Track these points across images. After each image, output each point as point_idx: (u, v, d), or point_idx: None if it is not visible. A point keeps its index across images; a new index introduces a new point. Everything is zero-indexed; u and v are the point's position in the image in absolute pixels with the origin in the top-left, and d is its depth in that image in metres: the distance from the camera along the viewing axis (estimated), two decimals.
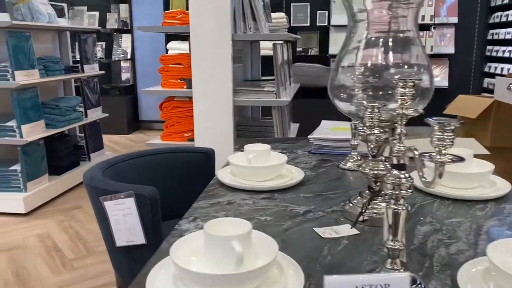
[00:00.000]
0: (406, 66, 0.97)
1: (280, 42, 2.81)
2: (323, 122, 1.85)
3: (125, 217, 1.36)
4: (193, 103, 2.67)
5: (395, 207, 0.71)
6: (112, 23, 5.69)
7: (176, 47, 5.51)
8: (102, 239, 2.66)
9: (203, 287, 0.70)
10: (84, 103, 3.77)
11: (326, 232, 0.98)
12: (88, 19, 5.48)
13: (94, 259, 2.43)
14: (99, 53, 5.74)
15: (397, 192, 0.70)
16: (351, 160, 1.45)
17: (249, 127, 3.18)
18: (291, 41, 3.66)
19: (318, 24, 5.23)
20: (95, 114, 3.95)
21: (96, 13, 5.62)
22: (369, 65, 0.99)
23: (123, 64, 5.76)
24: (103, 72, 4.09)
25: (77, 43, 3.85)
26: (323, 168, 1.45)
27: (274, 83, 2.70)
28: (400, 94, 0.68)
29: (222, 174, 1.33)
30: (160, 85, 2.88)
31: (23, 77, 2.99)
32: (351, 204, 1.07)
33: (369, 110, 0.82)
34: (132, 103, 5.85)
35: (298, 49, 5.35)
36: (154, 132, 5.90)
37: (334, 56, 5.31)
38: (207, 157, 1.82)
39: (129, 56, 5.74)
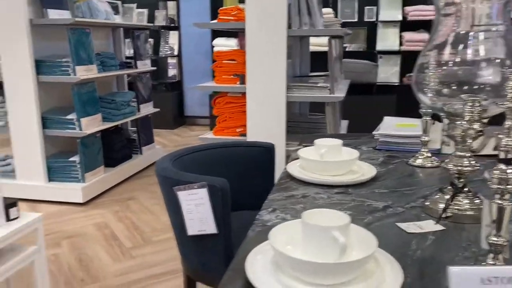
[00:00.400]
0: (497, 61, 0.94)
1: (338, 37, 2.79)
2: (386, 119, 1.83)
3: (197, 207, 1.40)
4: (246, 98, 2.70)
5: (500, 202, 0.70)
6: (160, 20, 5.82)
7: (221, 44, 5.57)
8: (157, 230, 2.75)
9: (303, 274, 0.72)
10: (137, 98, 3.89)
11: (410, 227, 0.97)
12: (137, 16, 5.62)
13: (151, 248, 2.51)
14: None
15: (503, 186, 0.69)
16: (420, 157, 1.43)
17: (299, 123, 3.18)
18: (341, 36, 3.62)
19: (366, 19, 5.15)
20: (147, 109, 4.06)
21: (145, 10, 5.76)
22: (456, 60, 0.97)
23: (170, 60, 5.89)
24: (154, 68, 4.20)
25: (125, 40, 3.97)
26: (392, 164, 1.44)
27: (328, 79, 2.69)
28: (510, 88, 0.67)
29: (292, 168, 1.34)
30: (214, 81, 2.93)
31: (83, 72, 3.12)
32: (432, 200, 1.06)
33: (470, 104, 0.81)
34: (178, 99, 5.97)
35: (344, 45, 5.30)
36: (198, 127, 6.00)
37: (381, 52, 5.22)
38: (267, 151, 1.84)
39: (176, 53, 5.86)
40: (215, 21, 2.97)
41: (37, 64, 3.06)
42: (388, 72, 5.27)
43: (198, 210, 1.40)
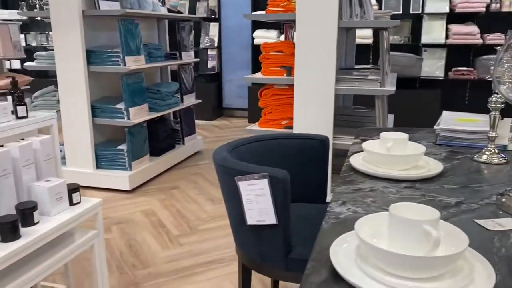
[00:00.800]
0: None
1: (385, 29, 2.73)
2: (445, 113, 1.78)
3: (257, 197, 1.41)
4: (294, 90, 2.69)
5: None
6: (201, 12, 5.86)
7: (262, 36, 5.57)
8: (202, 219, 2.79)
9: (390, 267, 0.71)
10: (181, 89, 3.94)
11: (488, 224, 0.94)
12: (179, 8, 5.68)
13: (198, 237, 2.56)
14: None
15: None
16: (487, 153, 1.39)
17: (344, 116, 3.15)
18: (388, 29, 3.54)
19: (411, 11, 5.02)
20: (190, 100, 4.11)
21: (186, 2, 5.81)
22: None
23: (209, 52, 5.93)
24: (198, 59, 4.24)
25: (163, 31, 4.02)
26: (456, 160, 1.40)
27: (375, 72, 2.63)
28: None
29: (355, 161, 1.33)
30: (260, 73, 2.93)
31: (132, 63, 3.18)
32: (509, 198, 1.03)
33: None
34: (217, 90, 6.01)
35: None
36: (235, 119, 6.03)
37: (426, 45, 5.07)
38: (322, 144, 1.83)
39: (215, 45, 5.89)
40: (260, 12, 2.96)
41: (88, 54, 3.15)
42: (432, 66, 5.12)
43: (258, 201, 1.41)
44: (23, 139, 1.69)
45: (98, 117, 3.25)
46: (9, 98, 1.80)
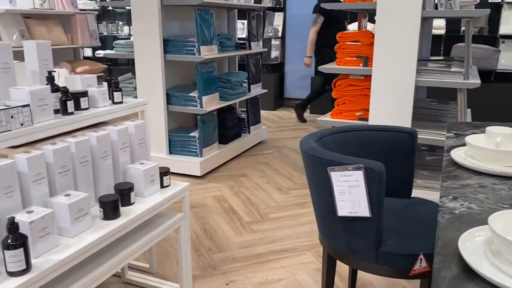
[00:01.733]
0: None
1: (469, 19, 2.60)
2: None
3: (350, 189, 1.40)
4: (371, 81, 2.64)
5: None
6: (266, 1, 5.87)
7: None
8: (272, 207, 2.82)
9: None
10: (248, 79, 3.98)
11: None
12: None
13: (270, 225, 2.59)
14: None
15: None
16: None
17: (419, 109, 3.04)
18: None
19: (489, 0, 4.73)
20: (257, 89, 4.15)
21: None
22: None
23: (273, 42, 5.93)
24: (266, 49, 4.25)
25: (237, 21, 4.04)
26: None
27: (459, 64, 2.52)
28: None
29: (457, 156, 1.28)
30: (335, 63, 2.90)
31: (206, 52, 3.25)
32: None
33: None
34: (279, 80, 6.01)
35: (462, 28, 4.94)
36: None
37: (504, 36, 4.78)
38: (410, 137, 1.78)
39: (279, 34, 5.88)
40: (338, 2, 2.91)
41: (164, 43, 3.25)
42: (511, 59, 4.82)
43: (351, 192, 1.40)
44: (115, 125, 1.78)
45: (172, 104, 3.36)
46: (105, 84, 1.90)
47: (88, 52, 7.17)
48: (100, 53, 7.00)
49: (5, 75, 1.54)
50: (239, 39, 4.30)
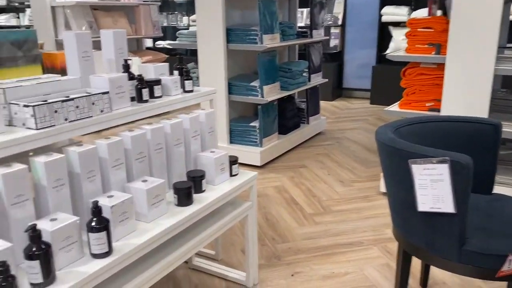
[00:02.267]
0: None
1: None
2: None
3: (433, 183, 1.32)
4: (445, 69, 2.49)
5: None
6: None
7: (391, 12, 5.28)
8: (334, 199, 2.76)
9: None
10: (309, 68, 3.91)
11: None
12: None
13: (332, 217, 2.54)
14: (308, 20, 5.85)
15: None
16: None
17: (495, 99, 2.84)
18: None
19: None
20: (317, 79, 4.07)
21: None
22: None
23: (332, 30, 5.79)
24: (327, 37, 4.15)
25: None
26: None
27: None
28: None
29: None
30: (405, 50, 2.76)
31: (268, 41, 3.22)
32: None
33: None
34: (337, 70, 5.88)
35: None
36: (356, 100, 5.85)
37: None
38: (494, 129, 1.66)
39: (339, 22, 5.73)
40: None
41: (227, 32, 3.25)
42: None
43: (434, 186, 1.32)
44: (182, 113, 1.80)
45: (233, 94, 3.36)
46: (176, 72, 1.92)
47: (149, 43, 7.36)
48: (160, 43, 7.21)
49: (85, 63, 1.59)
50: (299, 27, 4.23)
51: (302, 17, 5.79)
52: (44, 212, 1.25)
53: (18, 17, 7.39)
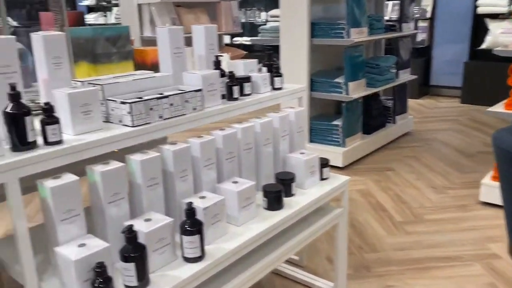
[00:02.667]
0: None
1: None
2: None
3: None
4: None
5: None
6: None
7: (488, 3, 4.82)
8: (426, 207, 2.54)
9: None
10: (397, 64, 3.67)
11: None
12: None
13: (425, 227, 2.33)
14: (395, 12, 5.54)
15: None
16: None
17: None
18: None
19: None
20: (405, 75, 3.82)
21: None
22: None
23: (420, 23, 5.42)
24: (418, 31, 3.87)
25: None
26: None
27: None
28: None
29: None
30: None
31: (356, 35, 3.05)
32: None
33: None
34: (424, 66, 5.50)
35: None
36: (444, 98, 5.45)
37: None
38: None
39: (428, 15, 5.35)
40: None
41: (312, 27, 3.13)
42: None
43: None
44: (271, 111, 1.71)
45: (315, 90, 3.24)
46: (264, 69, 1.84)
47: (226, 39, 7.44)
48: (238, 39, 7.24)
49: (177, 59, 1.56)
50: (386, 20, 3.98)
51: (387, 10, 5.49)
52: (138, 211, 1.23)
53: (106, 16, 7.82)
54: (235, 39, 7.25)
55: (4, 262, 1.25)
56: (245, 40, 6.70)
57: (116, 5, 7.22)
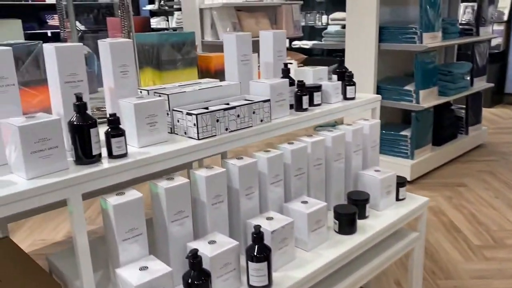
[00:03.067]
0: None
1: None
2: None
3: None
4: None
5: None
6: None
7: None
8: (507, 230, 2.28)
9: None
10: (471, 70, 3.39)
11: None
12: None
13: (508, 253, 2.09)
14: (468, 15, 5.17)
15: None
16: None
17: None
18: None
19: None
20: (480, 83, 3.52)
21: None
22: None
23: (495, 27, 5.02)
24: (496, 35, 3.56)
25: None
26: None
27: None
28: None
29: None
30: None
31: (429, 40, 2.84)
32: None
33: None
34: (499, 72, 5.09)
35: None
36: None
37: None
38: None
39: (505, 18, 4.95)
40: None
41: (380, 31, 2.95)
42: None
43: None
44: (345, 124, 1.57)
45: (382, 98, 3.03)
46: (335, 77, 1.72)
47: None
48: (297, 43, 7.11)
49: (244, 67, 1.47)
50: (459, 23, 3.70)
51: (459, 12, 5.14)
52: (201, 230, 1.15)
53: (167, 20, 7.99)
54: (294, 43, 7.12)
55: (64, 275, 1.22)
56: (304, 44, 6.55)
57: (178, 9, 7.34)
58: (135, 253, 1.01)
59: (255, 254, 1.04)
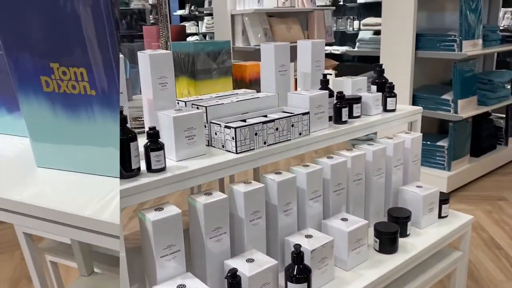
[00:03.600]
0: None
1: None
2: None
3: None
4: None
5: None
6: None
7: None
8: None
9: None
10: None
11: None
12: None
13: None
14: (507, 20, 4.99)
15: None
16: None
17: None
18: None
19: None
20: None
21: None
22: None
23: None
24: None
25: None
26: None
27: None
28: None
29: None
30: None
31: (469, 47, 2.73)
32: None
33: None
34: None
35: None
36: None
37: None
38: None
39: None
40: None
41: (417, 38, 2.86)
42: None
43: None
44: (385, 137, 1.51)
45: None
46: (374, 88, 1.67)
47: None
48: (327, 49, 7.03)
49: (281, 78, 1.44)
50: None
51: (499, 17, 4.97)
52: (238, 247, 1.12)
53: (197, 25, 8.05)
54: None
55: None
56: (335, 49, 6.47)
57: (208, 14, 7.39)
58: (173, 270, 0.99)
59: (295, 274, 1.00)
